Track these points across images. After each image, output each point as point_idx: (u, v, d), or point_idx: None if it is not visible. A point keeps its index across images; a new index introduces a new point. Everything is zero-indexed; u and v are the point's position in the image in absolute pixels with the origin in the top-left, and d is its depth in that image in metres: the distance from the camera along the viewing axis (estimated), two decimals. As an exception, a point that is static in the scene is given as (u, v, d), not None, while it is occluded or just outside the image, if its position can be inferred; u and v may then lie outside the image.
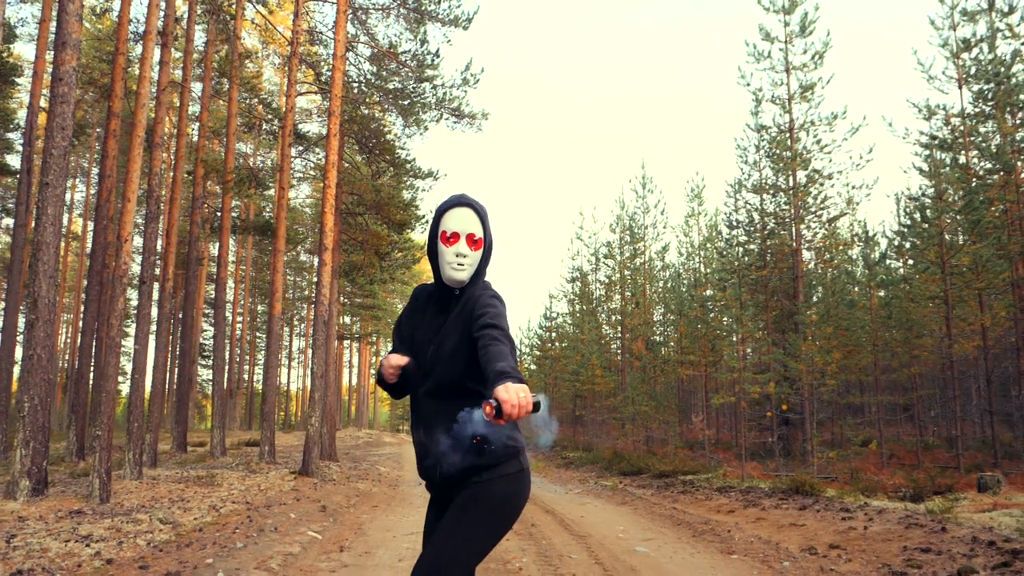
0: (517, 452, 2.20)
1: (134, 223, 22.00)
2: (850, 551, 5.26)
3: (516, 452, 2.19)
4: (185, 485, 9.20)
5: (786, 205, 15.31)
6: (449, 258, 2.22)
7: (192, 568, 4.46)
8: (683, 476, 11.68)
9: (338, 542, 5.97)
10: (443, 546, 2.01)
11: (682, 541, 6.22)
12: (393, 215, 16.28)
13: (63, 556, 4.67)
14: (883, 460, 12.73)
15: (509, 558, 5.28)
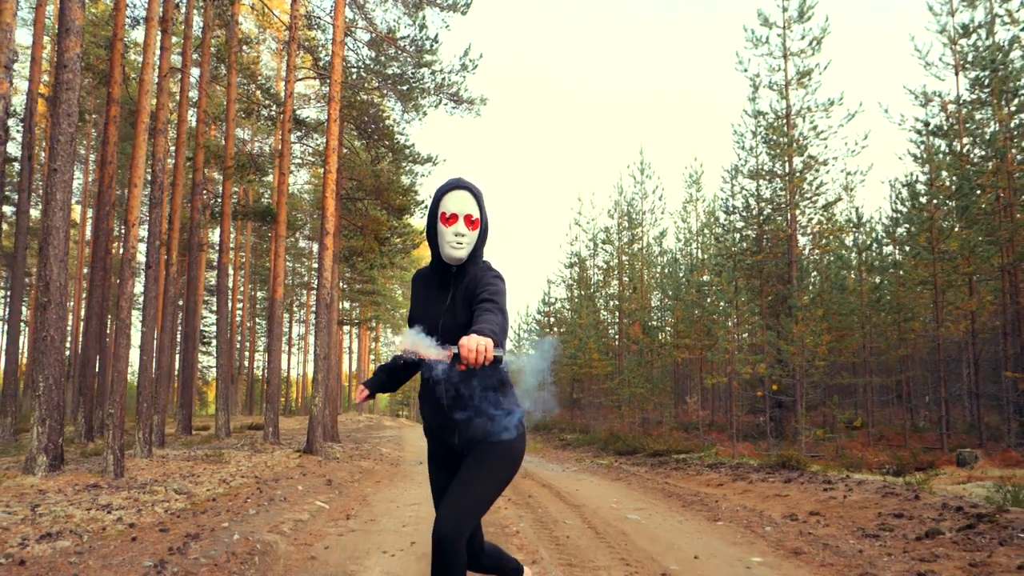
0: (517, 415, 2.60)
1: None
2: (828, 517, 5.56)
3: (517, 415, 2.59)
4: (194, 462, 9.51)
5: (782, 191, 15.53)
6: (448, 237, 2.44)
7: (210, 531, 4.76)
8: (676, 455, 12.00)
9: (344, 511, 6.27)
10: (466, 492, 2.39)
11: (672, 510, 6.53)
12: (393, 200, 16.49)
13: (87, 521, 4.96)
14: (871, 440, 13.06)
15: (507, 524, 5.58)
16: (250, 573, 4.02)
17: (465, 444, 2.50)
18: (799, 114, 15.51)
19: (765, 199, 16.11)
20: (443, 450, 2.60)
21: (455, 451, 2.55)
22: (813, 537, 4.98)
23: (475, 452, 2.50)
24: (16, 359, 16.74)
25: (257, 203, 28.37)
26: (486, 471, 2.45)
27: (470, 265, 2.53)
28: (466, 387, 2.43)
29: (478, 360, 1.95)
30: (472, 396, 2.44)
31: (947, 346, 15.86)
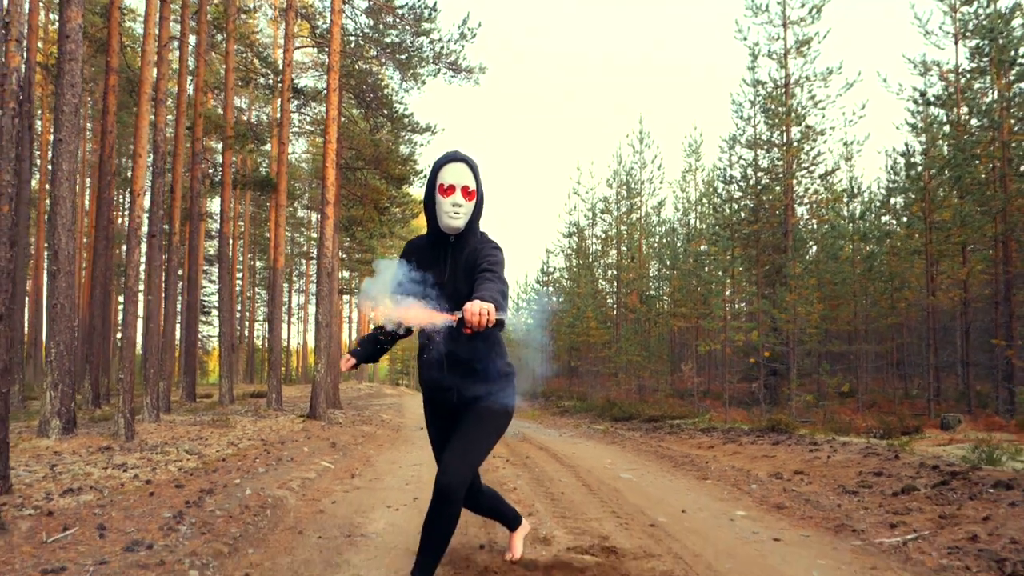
0: (511, 376, 2.85)
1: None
2: (812, 476, 5.83)
3: (510, 376, 2.84)
4: (201, 427, 9.78)
5: (779, 161, 15.61)
6: (446, 208, 2.58)
7: (222, 487, 5.00)
8: (671, 421, 12.30)
9: (349, 471, 6.54)
10: (467, 447, 2.62)
11: (663, 471, 6.80)
12: (392, 170, 16.57)
13: (105, 478, 5.21)
14: (862, 407, 13.37)
15: (505, 481, 5.85)
16: (263, 524, 4.27)
17: (463, 403, 2.70)
18: (798, 83, 15.53)
19: (763, 169, 16.20)
20: (442, 409, 2.80)
21: (453, 408, 2.74)
22: (796, 494, 5.24)
23: (473, 409, 2.70)
24: (22, 327, 16.94)
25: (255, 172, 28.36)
26: (484, 427, 2.68)
27: (468, 235, 2.67)
28: (464, 350, 2.62)
29: (481, 323, 2.13)
30: (470, 358, 2.64)
31: (940, 315, 16.09)
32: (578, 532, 4.08)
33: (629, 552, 3.63)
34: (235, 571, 3.38)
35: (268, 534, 4.10)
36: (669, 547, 3.75)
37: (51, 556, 3.27)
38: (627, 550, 3.66)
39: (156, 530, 3.84)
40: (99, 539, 3.61)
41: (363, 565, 3.52)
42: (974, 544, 3.55)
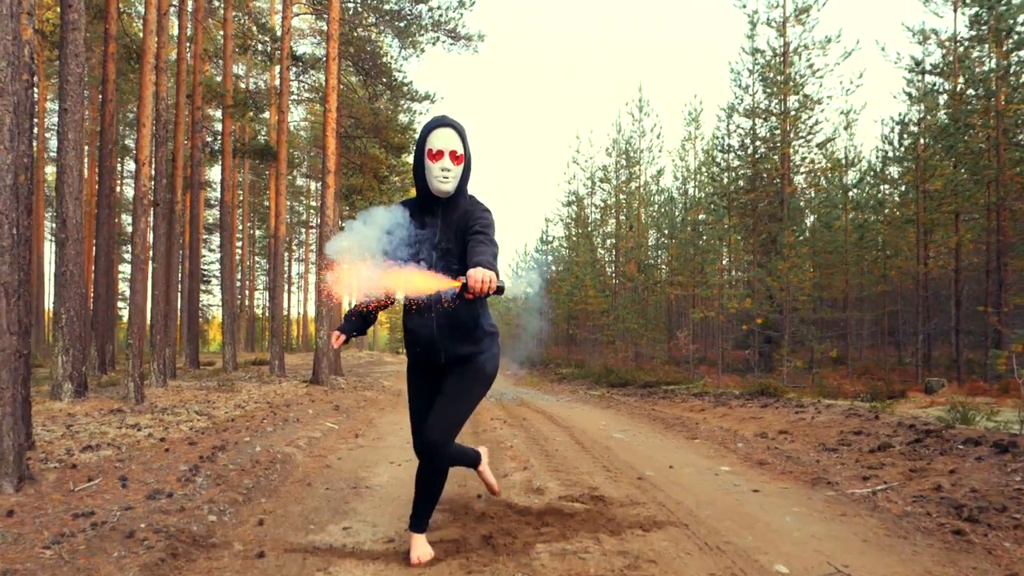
0: (495, 335, 2.97)
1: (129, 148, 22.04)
2: (795, 435, 6.10)
3: (495, 335, 2.97)
4: (207, 391, 10.06)
5: (776, 130, 15.66)
6: (435, 172, 2.66)
7: (233, 444, 5.27)
8: (666, 386, 12.60)
9: (353, 431, 6.81)
10: (453, 407, 2.79)
11: (655, 431, 7.08)
12: (391, 138, 16.63)
13: (121, 437, 5.47)
14: (852, 373, 13.65)
15: (503, 440, 6.12)
16: (273, 477, 4.53)
17: (451, 361, 2.83)
18: (796, 52, 15.50)
19: (761, 138, 16.26)
20: (429, 369, 2.91)
21: (439, 368, 2.87)
22: (779, 451, 5.51)
23: (458, 370, 2.84)
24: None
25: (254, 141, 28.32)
26: (468, 388, 2.83)
27: (458, 198, 2.76)
28: (453, 312, 2.72)
29: (483, 290, 2.26)
30: (459, 317, 2.75)
31: (933, 283, 16.32)
32: (570, 484, 4.35)
33: (616, 500, 3.89)
34: (250, 517, 3.64)
35: (279, 486, 4.36)
36: (654, 496, 4.02)
37: (79, 503, 3.53)
38: (614, 499, 3.93)
39: (174, 481, 4.09)
40: (122, 489, 3.87)
41: (368, 513, 3.78)
42: (937, 493, 3.81)
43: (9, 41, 3.63)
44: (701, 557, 2.95)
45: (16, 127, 3.67)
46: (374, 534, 3.41)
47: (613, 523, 3.41)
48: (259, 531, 3.41)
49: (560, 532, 3.27)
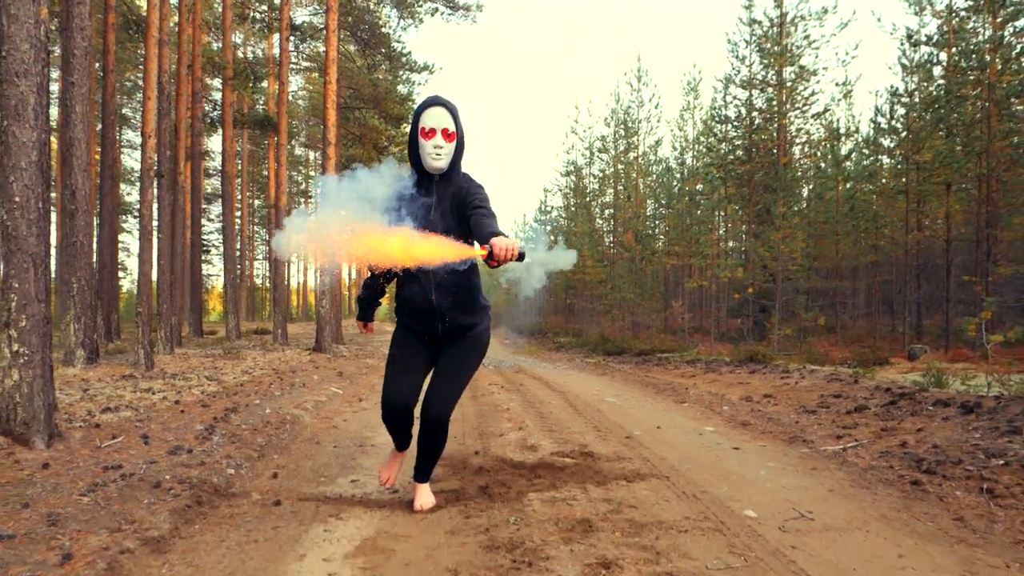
0: (488, 309, 3.16)
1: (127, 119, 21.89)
2: (778, 398, 6.40)
3: (487, 309, 3.16)
4: (214, 359, 10.35)
5: (772, 101, 15.75)
6: (428, 150, 2.78)
7: (244, 406, 5.56)
8: (660, 354, 12.90)
9: (356, 395, 7.11)
10: (454, 382, 3.03)
11: (646, 396, 7.39)
12: (390, 109, 16.70)
13: (137, 400, 5.75)
14: (842, 341, 13.96)
15: (500, 403, 6.42)
16: (284, 436, 4.83)
17: (447, 332, 3.00)
18: (792, 23, 15.51)
19: (757, 109, 16.34)
20: (425, 338, 3.06)
21: (437, 338, 3.03)
22: (761, 413, 5.81)
23: (456, 345, 3.03)
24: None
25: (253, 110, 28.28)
26: (467, 362, 3.05)
27: (451, 175, 2.89)
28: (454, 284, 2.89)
29: (507, 257, 2.39)
30: (458, 292, 2.92)
31: (926, 253, 16.55)
32: (562, 442, 4.64)
33: (604, 456, 4.18)
34: (265, 471, 3.93)
35: (289, 444, 4.66)
36: (640, 453, 4.31)
37: (107, 457, 3.81)
38: (603, 455, 4.22)
39: (192, 439, 4.38)
40: (144, 445, 4.16)
41: (374, 468, 4.07)
42: (902, 449, 4.10)
43: (31, 24, 3.81)
44: (678, 503, 3.25)
45: (39, 106, 3.87)
46: (379, 486, 3.70)
47: (600, 475, 3.70)
48: (274, 483, 3.70)
49: (551, 483, 3.57)
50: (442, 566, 2.52)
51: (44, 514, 2.86)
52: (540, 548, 2.65)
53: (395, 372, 3.08)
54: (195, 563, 2.59)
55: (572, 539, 2.74)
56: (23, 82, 3.82)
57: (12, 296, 3.84)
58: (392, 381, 3.07)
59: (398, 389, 3.05)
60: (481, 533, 2.87)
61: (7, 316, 3.86)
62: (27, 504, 2.96)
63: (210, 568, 2.54)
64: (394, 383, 3.07)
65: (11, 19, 3.77)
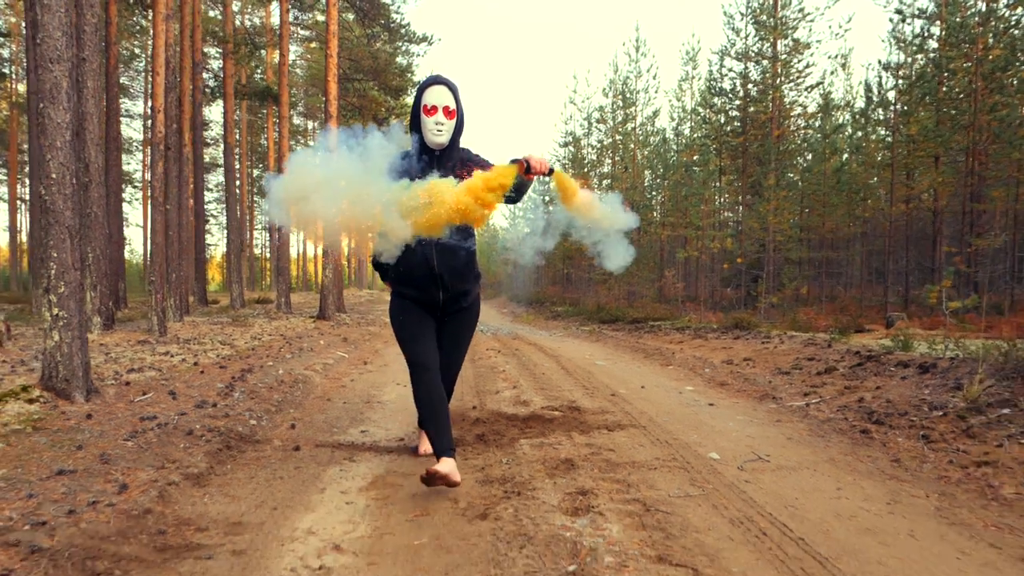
0: (480, 278, 3.38)
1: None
2: (757, 361, 6.83)
3: (480, 278, 3.38)
4: (222, 326, 10.77)
5: (767, 73, 15.93)
6: (430, 126, 2.96)
7: (259, 368, 5.98)
8: (652, 322, 13.34)
9: (361, 359, 7.54)
10: (460, 354, 3.36)
11: (634, 360, 7.82)
12: (390, 81, 16.87)
13: (158, 362, 6.17)
14: (833, 309, 14.38)
15: (497, 366, 6.85)
16: (297, 393, 5.25)
17: (447, 301, 3.13)
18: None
19: (752, 81, 16.54)
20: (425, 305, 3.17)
21: (435, 306, 3.16)
22: (739, 375, 6.24)
23: (456, 320, 3.24)
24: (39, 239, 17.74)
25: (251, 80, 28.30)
26: (466, 338, 3.35)
27: (451, 150, 3.06)
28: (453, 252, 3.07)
29: (542, 169, 2.71)
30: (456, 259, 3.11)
31: (918, 224, 16.91)
32: (552, 398, 5.07)
33: (589, 410, 4.61)
34: (283, 423, 4.36)
35: (303, 400, 5.09)
36: (622, 408, 4.74)
37: (141, 410, 4.23)
38: (588, 409, 4.65)
39: (215, 395, 4.80)
40: (173, 400, 4.58)
41: (380, 420, 4.50)
42: (859, 404, 4.53)
43: (62, 13, 4.12)
44: (651, 448, 3.68)
45: (71, 90, 4.20)
46: (387, 435, 4.13)
47: (584, 425, 4.13)
48: (292, 432, 4.13)
49: (540, 431, 4.00)
50: (443, 496, 2.95)
51: (97, 454, 3.29)
52: (528, 481, 3.07)
53: (415, 338, 3.12)
54: (231, 494, 3.02)
55: (556, 475, 3.17)
56: (56, 67, 4.15)
57: (51, 264, 4.22)
58: (417, 346, 3.10)
59: (427, 354, 3.08)
60: (477, 471, 3.30)
61: (47, 282, 4.25)
62: (80, 446, 3.38)
63: (244, 498, 2.97)
64: (421, 348, 3.09)
65: (44, 8, 4.09)
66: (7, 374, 5.26)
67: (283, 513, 2.79)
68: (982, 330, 7.14)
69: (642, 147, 27.60)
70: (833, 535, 2.52)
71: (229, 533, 2.58)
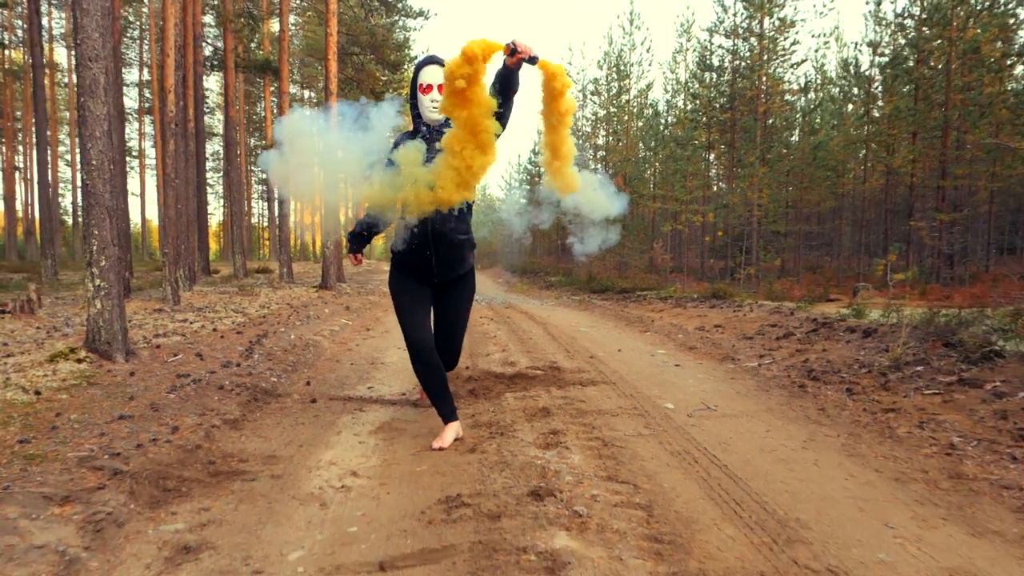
0: (475, 248, 3.55)
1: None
2: (726, 327, 7.47)
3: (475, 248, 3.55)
4: (230, 295, 11.34)
5: (755, 50, 16.32)
6: (427, 104, 3.18)
7: (272, 333, 6.59)
8: (640, 292, 13.96)
9: (364, 326, 8.16)
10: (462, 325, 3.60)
11: (617, 327, 8.45)
12: (387, 56, 17.20)
13: (179, 328, 6.77)
14: (802, 279, 15.03)
15: (489, 332, 7.47)
16: (309, 356, 5.87)
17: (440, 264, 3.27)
18: (775, -28, 15.96)
19: (741, 57, 16.92)
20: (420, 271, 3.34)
21: (430, 272, 3.32)
22: (709, 339, 6.87)
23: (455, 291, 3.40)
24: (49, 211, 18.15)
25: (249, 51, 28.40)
26: (466, 309, 3.55)
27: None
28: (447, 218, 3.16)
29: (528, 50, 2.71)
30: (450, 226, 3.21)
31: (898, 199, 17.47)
32: (536, 359, 5.70)
33: (568, 370, 5.25)
34: (299, 380, 4.98)
35: (315, 361, 5.71)
36: (598, 367, 5.38)
37: (175, 368, 4.84)
38: (567, 368, 5.28)
39: (237, 356, 5.42)
40: (200, 361, 5.19)
41: (384, 379, 5.12)
42: (804, 364, 5.17)
43: (99, 16, 4.63)
44: (617, 399, 4.31)
45: (108, 85, 4.72)
46: (391, 391, 4.75)
47: (562, 382, 4.77)
48: (308, 388, 4.75)
49: (523, 387, 4.63)
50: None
51: (147, 403, 3.90)
52: (510, 425, 3.71)
53: (412, 315, 3.32)
54: (263, 436, 3.64)
55: (533, 420, 3.81)
56: (95, 65, 4.67)
57: (93, 241, 4.79)
58: (414, 324, 3.30)
59: (423, 330, 3.30)
60: (468, 418, 3.94)
61: (90, 257, 4.82)
62: (132, 397, 4.00)
63: (275, 439, 3.60)
64: (417, 322, 3.31)
65: (83, 12, 4.59)
66: (46, 338, 5.87)
67: (308, 449, 3.42)
68: (939, 300, 7.77)
69: (636, 119, 27.95)
70: (752, 464, 3.16)
71: (266, 463, 3.21)
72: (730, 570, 2.16)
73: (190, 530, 2.48)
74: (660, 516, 2.54)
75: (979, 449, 3.24)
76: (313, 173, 3.06)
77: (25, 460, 2.90)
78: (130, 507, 2.62)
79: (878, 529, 2.49)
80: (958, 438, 3.38)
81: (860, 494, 2.82)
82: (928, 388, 4.08)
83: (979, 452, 3.21)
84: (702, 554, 2.26)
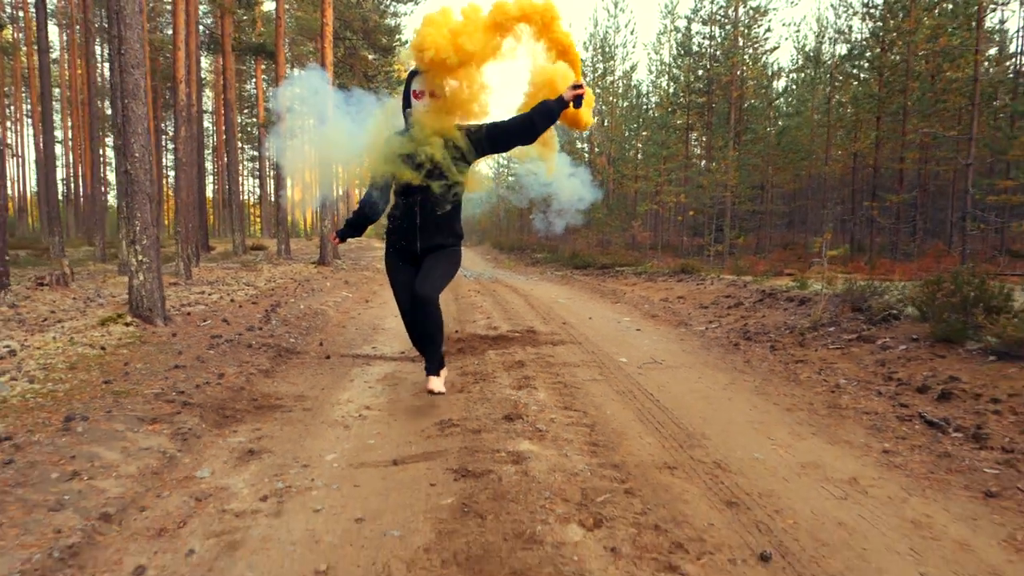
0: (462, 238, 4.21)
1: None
2: (687, 298, 8.38)
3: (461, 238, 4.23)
4: (235, 271, 12.13)
5: (729, 38, 17.08)
6: (419, 109, 3.50)
7: (284, 303, 7.43)
8: (618, 267, 14.84)
9: (363, 298, 9.01)
10: (434, 274, 4.01)
11: (591, 299, 9.35)
12: (379, 41, 17.82)
13: (200, 299, 7.59)
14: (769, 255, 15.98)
15: (476, 303, 8.34)
16: (319, 322, 6.73)
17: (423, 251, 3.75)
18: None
19: (718, 43, 17.68)
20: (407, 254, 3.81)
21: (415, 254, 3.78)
22: (670, 309, 7.78)
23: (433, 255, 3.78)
24: (55, 191, 18.79)
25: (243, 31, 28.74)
26: (444, 263, 3.79)
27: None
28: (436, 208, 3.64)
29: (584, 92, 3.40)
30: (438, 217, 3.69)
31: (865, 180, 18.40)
32: (515, 325, 6.59)
33: (542, 333, 6.14)
34: (313, 342, 5.84)
35: (324, 326, 6.57)
36: (568, 331, 6.27)
37: (208, 331, 5.68)
38: (541, 332, 6.17)
39: (258, 322, 6.26)
40: (227, 325, 6.03)
41: (386, 341, 5.99)
42: (742, 327, 6.08)
43: (139, 29, 5.38)
44: (581, 355, 5.21)
45: (147, 88, 5.49)
46: (391, 350, 5.62)
47: (536, 342, 5.66)
48: (321, 348, 5.61)
49: (504, 346, 5.51)
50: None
51: (193, 356, 4.75)
52: (491, 374, 4.59)
53: (399, 291, 3.91)
54: (291, 381, 4.51)
55: (510, 370, 4.69)
56: (136, 71, 5.44)
57: (136, 223, 5.60)
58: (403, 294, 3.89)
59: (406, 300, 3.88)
60: (457, 369, 4.82)
61: (133, 236, 5.63)
62: (180, 352, 4.85)
63: (301, 384, 4.46)
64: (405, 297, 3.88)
65: (126, 26, 5.34)
66: (85, 307, 6.68)
67: (329, 391, 4.29)
68: (881, 274, 8.68)
69: (621, 100, 28.62)
70: (680, 400, 4.06)
71: (297, 400, 4.08)
72: (643, 462, 3.06)
73: (250, 441, 3.34)
74: (600, 431, 3.44)
75: (855, 387, 4.16)
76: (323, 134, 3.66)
77: (114, 395, 3.76)
78: (202, 426, 3.49)
79: (761, 440, 3.40)
80: (844, 380, 4.30)
81: (756, 419, 3.72)
82: (833, 344, 5.00)
83: (855, 389, 4.13)
84: (625, 452, 3.17)
